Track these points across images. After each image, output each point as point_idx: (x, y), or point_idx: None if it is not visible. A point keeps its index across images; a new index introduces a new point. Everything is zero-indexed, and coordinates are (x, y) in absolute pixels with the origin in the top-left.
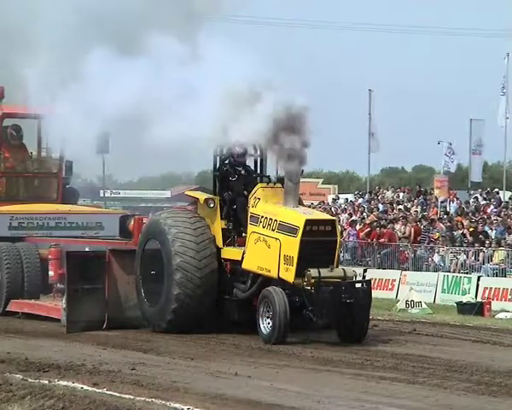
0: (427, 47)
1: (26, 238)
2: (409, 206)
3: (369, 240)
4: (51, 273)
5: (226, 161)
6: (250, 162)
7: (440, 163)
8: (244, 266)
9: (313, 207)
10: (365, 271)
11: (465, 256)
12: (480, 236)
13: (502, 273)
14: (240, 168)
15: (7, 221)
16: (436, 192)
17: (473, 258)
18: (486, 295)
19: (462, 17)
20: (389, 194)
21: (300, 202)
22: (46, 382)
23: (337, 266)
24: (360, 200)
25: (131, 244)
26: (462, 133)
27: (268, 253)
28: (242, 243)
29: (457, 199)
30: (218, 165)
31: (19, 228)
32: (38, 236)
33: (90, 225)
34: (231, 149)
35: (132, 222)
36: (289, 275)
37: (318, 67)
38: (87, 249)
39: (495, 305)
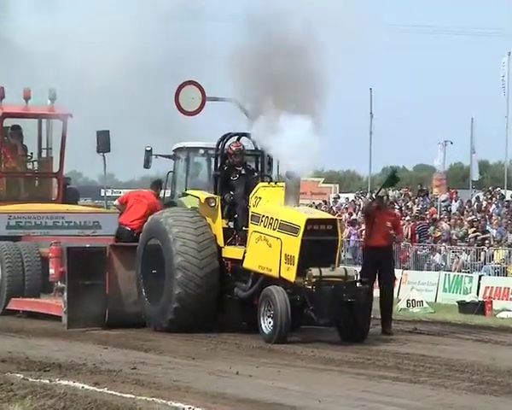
0: (428, 46)
1: (24, 237)
2: (410, 205)
3: None
4: (52, 271)
5: (226, 161)
6: (251, 161)
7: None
8: (245, 265)
9: (315, 207)
10: None
11: (466, 255)
12: (480, 234)
13: (503, 273)
14: (240, 168)
15: (5, 220)
16: (435, 190)
17: (474, 257)
18: (488, 295)
19: (464, 16)
20: (390, 193)
21: None
22: (47, 381)
23: (338, 266)
24: (361, 199)
25: None
26: (463, 133)
27: (269, 252)
28: (243, 243)
29: (458, 198)
30: (218, 164)
31: (16, 227)
32: (36, 235)
33: (87, 225)
34: (228, 149)
35: None
36: (290, 274)
37: None
38: (88, 246)
39: (496, 304)
